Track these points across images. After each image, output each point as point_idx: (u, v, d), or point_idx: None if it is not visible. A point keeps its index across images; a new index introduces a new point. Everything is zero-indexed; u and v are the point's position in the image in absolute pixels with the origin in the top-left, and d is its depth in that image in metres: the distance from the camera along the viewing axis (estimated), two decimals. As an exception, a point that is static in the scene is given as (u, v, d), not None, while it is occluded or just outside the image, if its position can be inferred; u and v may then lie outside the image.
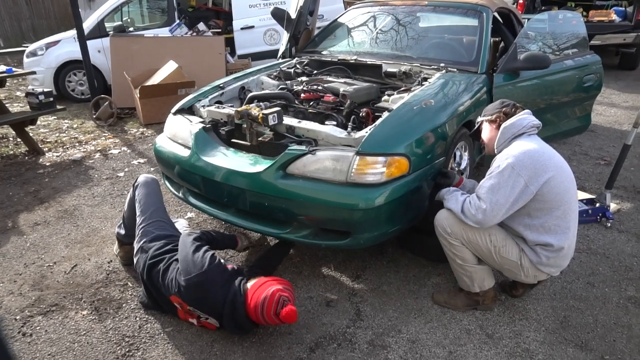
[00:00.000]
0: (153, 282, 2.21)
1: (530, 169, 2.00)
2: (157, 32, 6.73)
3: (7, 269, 2.71)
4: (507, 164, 2.01)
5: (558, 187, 2.03)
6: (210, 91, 3.09)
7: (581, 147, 4.55)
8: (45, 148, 4.78)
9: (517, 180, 1.99)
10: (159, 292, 2.20)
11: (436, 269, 2.65)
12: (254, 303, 1.99)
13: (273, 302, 1.97)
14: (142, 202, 2.47)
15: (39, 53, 6.56)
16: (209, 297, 2.04)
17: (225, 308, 2.02)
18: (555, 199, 2.03)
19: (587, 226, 3.09)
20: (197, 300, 2.06)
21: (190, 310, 2.11)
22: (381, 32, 3.76)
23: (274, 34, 7.03)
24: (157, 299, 2.25)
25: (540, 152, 2.06)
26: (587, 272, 2.63)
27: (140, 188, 2.53)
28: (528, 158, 2.02)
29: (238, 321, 2.04)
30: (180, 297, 2.09)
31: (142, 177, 2.60)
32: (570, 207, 2.08)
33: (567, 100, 3.77)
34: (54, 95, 4.70)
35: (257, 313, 1.99)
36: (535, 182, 2.00)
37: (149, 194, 2.51)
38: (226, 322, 2.05)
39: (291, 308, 1.96)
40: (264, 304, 1.97)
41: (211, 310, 2.07)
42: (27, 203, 3.57)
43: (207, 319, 2.12)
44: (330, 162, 2.21)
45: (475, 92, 2.84)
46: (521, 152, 2.04)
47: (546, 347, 2.10)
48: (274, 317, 1.98)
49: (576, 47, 3.90)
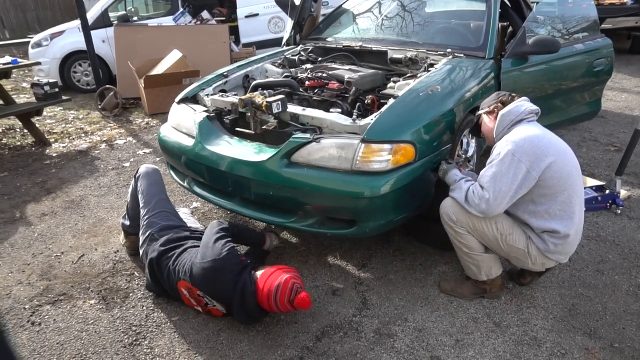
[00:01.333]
0: (161, 269, 2.22)
1: (531, 154, 1.97)
2: (161, 21, 6.70)
3: (16, 259, 2.73)
4: (508, 151, 1.98)
5: (560, 172, 1.99)
6: (214, 80, 3.07)
7: (591, 133, 4.48)
8: (52, 139, 4.80)
9: (519, 167, 1.96)
10: (167, 278, 2.21)
11: (443, 257, 2.63)
12: (267, 291, 2.00)
13: (287, 290, 1.99)
14: (145, 193, 2.47)
15: (44, 44, 6.56)
16: (219, 283, 2.05)
17: (235, 296, 2.03)
18: (559, 183, 2.00)
19: (596, 213, 3.05)
20: (208, 285, 2.07)
21: (200, 295, 2.12)
22: (386, 18, 3.70)
23: (279, 21, 6.97)
24: (164, 285, 2.26)
25: (540, 137, 2.02)
26: (596, 260, 2.60)
27: (142, 179, 2.53)
28: (528, 143, 1.99)
29: (248, 309, 2.05)
30: (190, 282, 2.10)
31: (143, 168, 2.60)
32: (574, 192, 2.05)
33: (576, 85, 3.70)
34: (59, 85, 4.70)
35: (270, 301, 2.00)
36: (537, 167, 1.96)
37: (151, 184, 2.50)
38: (236, 310, 2.06)
39: (305, 295, 1.99)
40: (277, 291, 1.99)
41: (221, 297, 2.08)
42: (34, 194, 3.59)
43: (214, 305, 2.13)
44: (335, 150, 2.19)
45: (482, 78, 2.79)
46: (521, 137, 2.01)
47: (554, 335, 2.08)
48: (288, 305, 2.00)
49: (586, 31, 3.81)
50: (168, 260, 2.20)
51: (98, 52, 6.08)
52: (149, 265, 2.28)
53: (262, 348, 2.05)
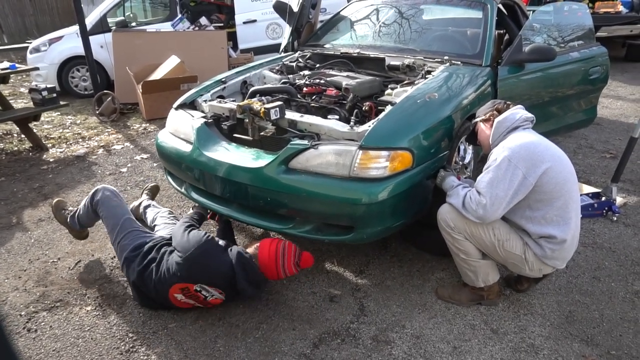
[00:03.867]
0: (147, 286, 2.22)
1: (527, 160, 1.98)
2: (159, 26, 6.72)
3: (12, 265, 2.72)
4: (504, 157, 2.00)
5: (557, 177, 2.01)
6: (212, 86, 3.07)
7: (587, 140, 4.50)
8: (49, 144, 4.80)
9: (515, 173, 1.97)
10: (155, 291, 2.21)
11: (440, 263, 2.63)
12: (274, 257, 2.19)
13: (292, 253, 2.23)
14: (109, 217, 2.47)
15: (42, 49, 6.57)
16: (214, 266, 2.13)
17: (236, 271, 2.12)
18: (555, 189, 2.01)
19: (592, 220, 3.06)
20: (204, 272, 2.12)
21: (197, 290, 2.14)
22: (384, 25, 3.73)
23: (277, 27, 7.00)
24: (155, 300, 2.26)
25: (536, 144, 2.04)
26: (593, 267, 2.61)
27: (102, 206, 2.51)
28: (524, 149, 2.01)
29: (253, 279, 2.16)
30: (184, 281, 2.13)
31: (99, 193, 2.55)
32: (571, 197, 2.06)
33: (572, 92, 3.73)
34: (57, 91, 4.70)
35: (278, 266, 2.19)
36: (533, 173, 1.98)
37: (113, 207, 2.50)
38: (241, 285, 2.13)
39: (308, 253, 2.28)
40: (284, 256, 2.21)
41: (220, 279, 2.14)
42: (31, 199, 3.58)
43: (212, 296, 2.16)
44: (333, 156, 2.19)
45: (479, 85, 2.80)
46: (517, 144, 2.03)
47: (551, 342, 2.09)
48: (294, 267, 2.24)
49: (582, 39, 3.85)
50: (150, 275, 2.20)
51: (96, 58, 6.09)
52: (135, 289, 2.29)
53: (259, 355, 2.04)
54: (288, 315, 2.28)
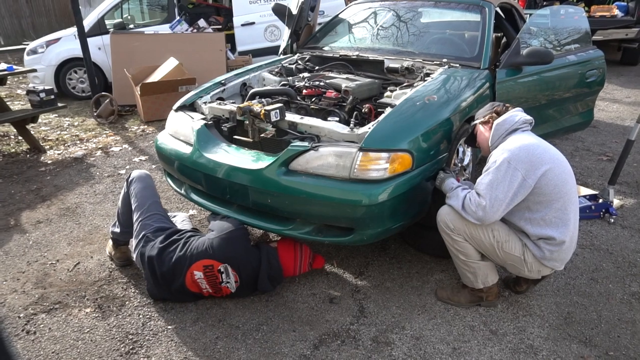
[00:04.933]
0: (163, 264, 2.25)
1: (526, 162, 2.00)
2: (157, 29, 6.72)
3: (10, 267, 2.71)
4: (503, 159, 2.01)
5: (556, 179, 2.02)
6: (212, 87, 3.08)
7: (584, 143, 4.53)
8: (47, 146, 4.78)
9: (515, 175, 1.99)
10: (173, 269, 2.24)
11: (439, 265, 2.64)
12: (292, 255, 2.40)
13: (307, 254, 2.46)
14: (139, 196, 2.49)
15: (40, 51, 6.55)
16: (245, 251, 2.29)
17: (262, 264, 2.29)
18: (554, 191, 2.03)
19: (590, 222, 3.08)
20: (233, 254, 2.25)
21: (220, 270, 2.22)
22: (383, 28, 3.75)
23: (275, 30, 7.02)
24: (165, 281, 2.26)
25: (535, 146, 2.06)
26: (590, 268, 2.62)
27: (135, 183, 2.54)
28: (524, 151, 2.02)
29: (273, 274, 2.33)
30: (212, 258, 2.22)
31: (136, 172, 2.62)
32: (569, 199, 2.07)
33: (569, 95, 3.75)
34: (54, 93, 4.69)
35: (296, 263, 2.41)
36: (533, 174, 1.99)
37: (145, 188, 2.52)
38: (262, 276, 2.29)
39: (320, 256, 2.58)
40: (302, 255, 2.43)
41: (245, 266, 2.26)
42: (29, 201, 3.56)
43: (227, 283, 2.25)
44: (333, 158, 2.20)
45: (477, 88, 2.82)
46: (516, 146, 2.05)
47: (550, 343, 2.10)
48: (308, 267, 2.49)
49: (579, 42, 3.88)
50: (173, 252, 2.27)
51: (94, 60, 6.08)
52: (149, 263, 2.28)
53: (259, 356, 2.04)
54: (288, 316, 2.28)
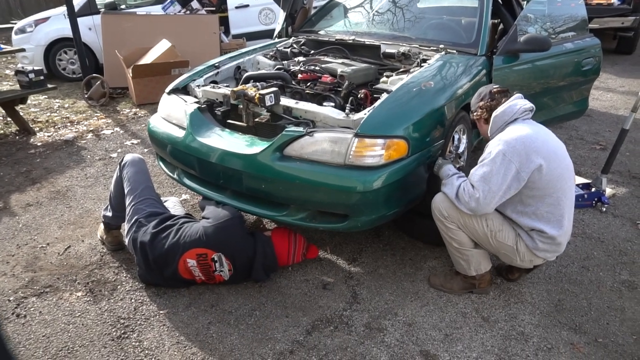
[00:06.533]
0: (155, 249, 2.22)
1: (522, 155, 1.97)
2: (149, 9, 6.58)
3: (0, 250, 2.67)
4: (499, 151, 1.99)
5: (550, 174, 2.00)
6: (205, 70, 3.02)
7: (577, 132, 4.54)
8: (36, 128, 4.70)
9: (509, 167, 1.97)
10: (165, 255, 2.21)
11: (433, 252, 2.65)
12: (286, 245, 2.39)
13: (301, 244, 2.45)
14: (132, 180, 2.46)
15: (28, 30, 6.39)
16: (239, 241, 2.26)
17: (257, 254, 2.28)
18: (547, 185, 2.01)
19: (582, 210, 3.10)
20: (227, 243, 2.22)
21: (214, 259, 2.20)
22: (379, 12, 3.69)
23: (269, 13, 6.91)
24: (158, 267, 2.25)
25: (533, 138, 2.01)
26: (582, 256, 2.64)
27: (129, 167, 2.52)
28: (520, 143, 1.99)
29: (268, 264, 2.32)
30: (206, 246, 2.20)
31: (129, 156, 2.59)
32: (564, 194, 2.05)
33: (564, 84, 3.74)
34: (44, 73, 4.60)
35: (289, 253, 2.40)
36: (527, 167, 1.97)
37: (138, 172, 2.50)
38: (256, 265, 2.28)
39: (314, 247, 2.55)
40: (295, 245, 2.42)
41: (239, 255, 2.24)
42: (18, 184, 3.51)
43: (221, 272, 2.24)
44: (328, 144, 2.18)
45: (474, 75, 2.80)
46: (513, 137, 2.01)
47: (541, 330, 2.12)
48: (302, 256, 2.47)
49: (575, 30, 3.85)
50: (166, 238, 2.24)
51: (84, 40, 5.95)
52: (141, 249, 2.25)
53: (252, 342, 2.04)
54: (281, 302, 2.28)
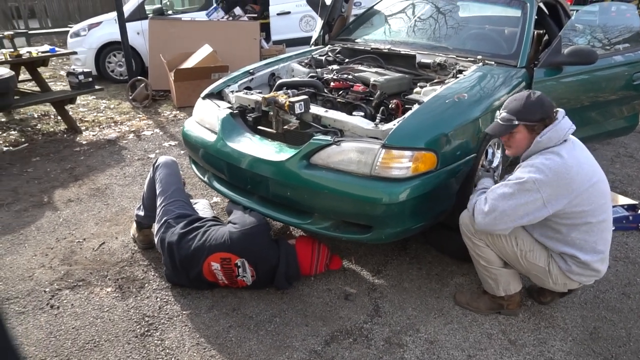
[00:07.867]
0: (182, 251, 2.28)
1: (553, 188, 1.82)
2: (194, 15, 6.80)
3: (41, 242, 2.81)
4: (529, 178, 1.84)
5: (582, 205, 1.87)
6: (240, 76, 3.08)
7: (626, 149, 4.29)
8: (83, 127, 4.94)
9: (535, 197, 1.84)
10: (191, 258, 2.26)
11: (460, 268, 2.57)
12: (309, 255, 2.37)
13: (324, 254, 2.43)
14: (163, 181, 2.53)
15: (82, 34, 6.75)
16: (264, 248, 2.27)
17: (280, 262, 2.28)
18: (580, 215, 1.89)
19: (626, 233, 2.92)
20: (252, 250, 2.23)
21: (237, 264, 2.23)
22: (418, 21, 3.64)
23: (310, 20, 6.97)
24: (183, 268, 2.30)
25: (568, 167, 1.84)
26: (623, 282, 2.48)
27: (161, 168, 2.59)
28: (553, 174, 1.83)
29: (291, 273, 2.32)
30: (230, 251, 2.22)
31: (163, 158, 2.67)
32: (598, 220, 1.91)
33: (614, 98, 3.55)
34: (94, 75, 4.83)
35: (312, 263, 2.38)
36: (555, 203, 1.84)
37: (170, 174, 2.57)
38: (279, 274, 2.28)
39: (338, 257, 2.53)
40: (319, 255, 2.40)
41: (262, 262, 2.26)
42: (62, 179, 3.69)
43: (244, 277, 2.26)
44: (355, 154, 2.16)
45: (512, 87, 2.70)
46: (548, 167, 1.84)
47: (572, 358, 2.00)
48: (325, 267, 2.45)
49: (628, 42, 3.65)
50: (192, 240, 2.28)
51: (132, 44, 6.22)
52: (168, 249, 2.31)
53: (270, 348, 2.04)
54: (302, 310, 2.27)
